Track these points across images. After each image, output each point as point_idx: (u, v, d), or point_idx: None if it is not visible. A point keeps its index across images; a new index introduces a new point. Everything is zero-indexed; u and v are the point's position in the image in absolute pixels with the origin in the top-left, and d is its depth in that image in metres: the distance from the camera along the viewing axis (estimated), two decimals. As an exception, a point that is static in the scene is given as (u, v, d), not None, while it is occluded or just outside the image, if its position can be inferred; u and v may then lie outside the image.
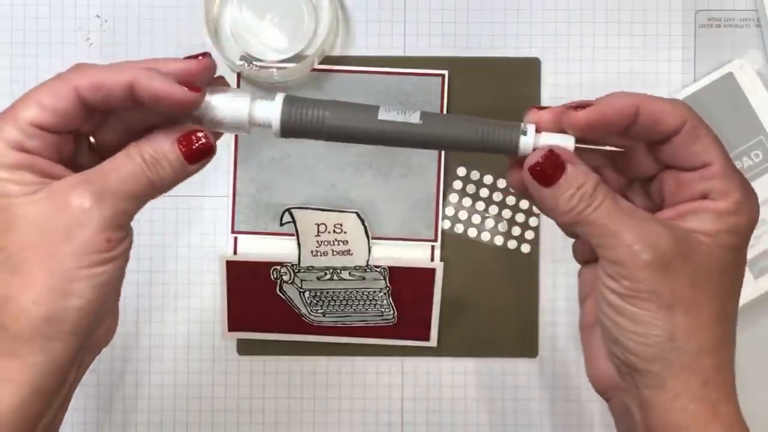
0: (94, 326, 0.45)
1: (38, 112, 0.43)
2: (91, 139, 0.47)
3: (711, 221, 0.45)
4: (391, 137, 0.46)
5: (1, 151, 0.43)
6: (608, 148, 0.46)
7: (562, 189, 0.44)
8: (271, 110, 0.46)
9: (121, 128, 0.47)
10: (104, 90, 0.44)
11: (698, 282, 0.44)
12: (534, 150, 0.45)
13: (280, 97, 0.46)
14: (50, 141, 0.44)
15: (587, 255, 0.50)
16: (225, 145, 0.66)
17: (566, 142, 0.45)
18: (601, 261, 0.45)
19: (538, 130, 0.45)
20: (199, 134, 0.45)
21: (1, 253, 0.43)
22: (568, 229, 0.46)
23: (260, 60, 0.65)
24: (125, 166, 0.44)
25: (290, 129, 0.46)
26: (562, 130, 0.45)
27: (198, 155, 0.45)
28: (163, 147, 0.45)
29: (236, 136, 0.66)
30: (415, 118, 0.46)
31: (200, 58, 0.46)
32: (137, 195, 0.45)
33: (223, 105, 0.46)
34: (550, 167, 0.44)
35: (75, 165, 0.46)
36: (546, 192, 0.45)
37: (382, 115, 0.45)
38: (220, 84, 0.47)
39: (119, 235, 0.44)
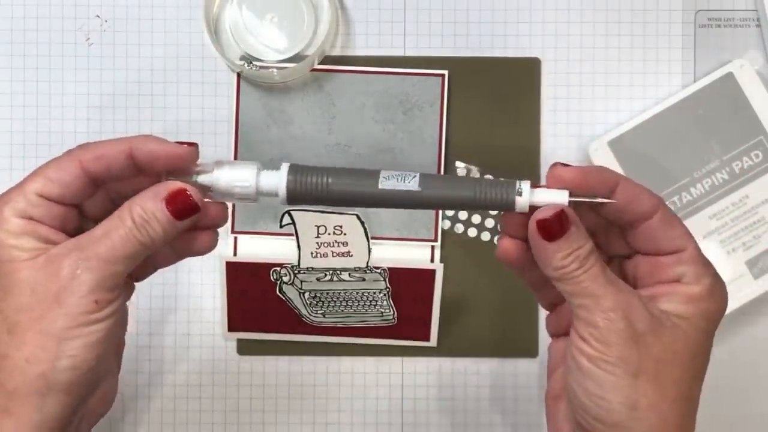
0: (89, 388, 0.48)
1: (44, 183, 0.47)
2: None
3: (685, 305, 0.47)
4: (391, 202, 0.48)
5: (6, 217, 0.46)
6: (600, 200, 0.47)
7: (561, 247, 0.46)
8: (276, 180, 0.48)
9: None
10: (105, 159, 0.47)
11: (666, 359, 0.46)
12: (534, 206, 0.47)
13: (285, 167, 0.48)
14: (55, 211, 0.47)
15: (559, 329, 0.52)
16: (225, 144, 0.66)
17: (561, 196, 0.47)
18: (576, 323, 0.47)
19: (533, 186, 0.47)
20: (186, 192, 0.48)
21: None
22: (557, 284, 0.48)
23: (260, 60, 0.65)
24: (116, 230, 0.47)
25: (295, 197, 0.48)
26: (589, 190, 0.47)
27: (186, 213, 0.48)
28: (151, 208, 0.47)
29: (236, 134, 0.66)
30: (414, 183, 0.47)
31: (187, 146, 0.49)
32: (127, 257, 0.47)
33: (230, 177, 0.48)
34: (556, 224, 0.46)
35: None
36: (546, 246, 0.46)
37: (383, 181, 0.48)
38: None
39: (109, 297, 0.47)
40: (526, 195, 0.47)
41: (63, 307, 0.45)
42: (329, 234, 0.66)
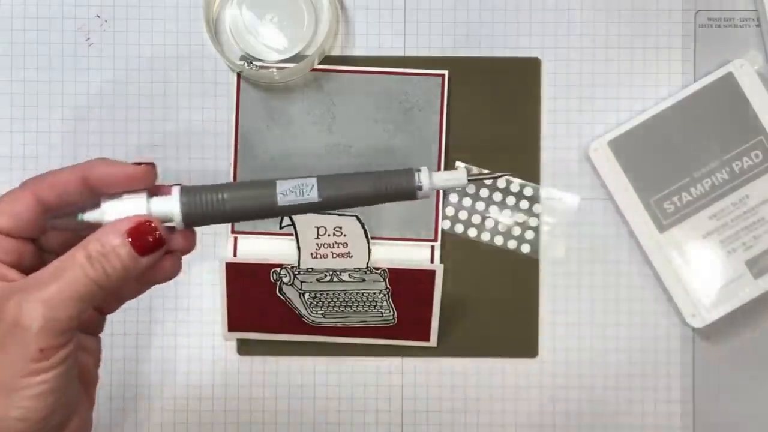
0: None
1: None
2: None
3: None
4: (291, 211, 0.47)
5: None
6: (498, 175, 0.48)
7: None
8: (169, 205, 0.46)
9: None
10: (58, 187, 0.45)
11: None
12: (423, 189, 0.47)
13: (176, 190, 0.46)
14: (8, 246, 0.45)
15: None
16: (225, 144, 0.66)
17: (459, 176, 0.47)
18: None
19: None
20: (151, 224, 0.45)
21: None
22: None
23: (260, 60, 0.65)
24: (65, 270, 0.43)
25: (193, 219, 0.46)
26: None
27: (151, 247, 0.45)
28: (111, 242, 0.44)
29: (236, 134, 0.66)
30: (313, 194, 0.47)
31: (143, 165, 0.46)
32: (79, 299, 0.43)
33: (118, 208, 0.45)
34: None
35: None
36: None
37: (282, 198, 0.47)
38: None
39: (56, 343, 0.43)
40: (426, 180, 0.47)
41: (7, 356, 0.43)
42: (329, 235, 0.66)
